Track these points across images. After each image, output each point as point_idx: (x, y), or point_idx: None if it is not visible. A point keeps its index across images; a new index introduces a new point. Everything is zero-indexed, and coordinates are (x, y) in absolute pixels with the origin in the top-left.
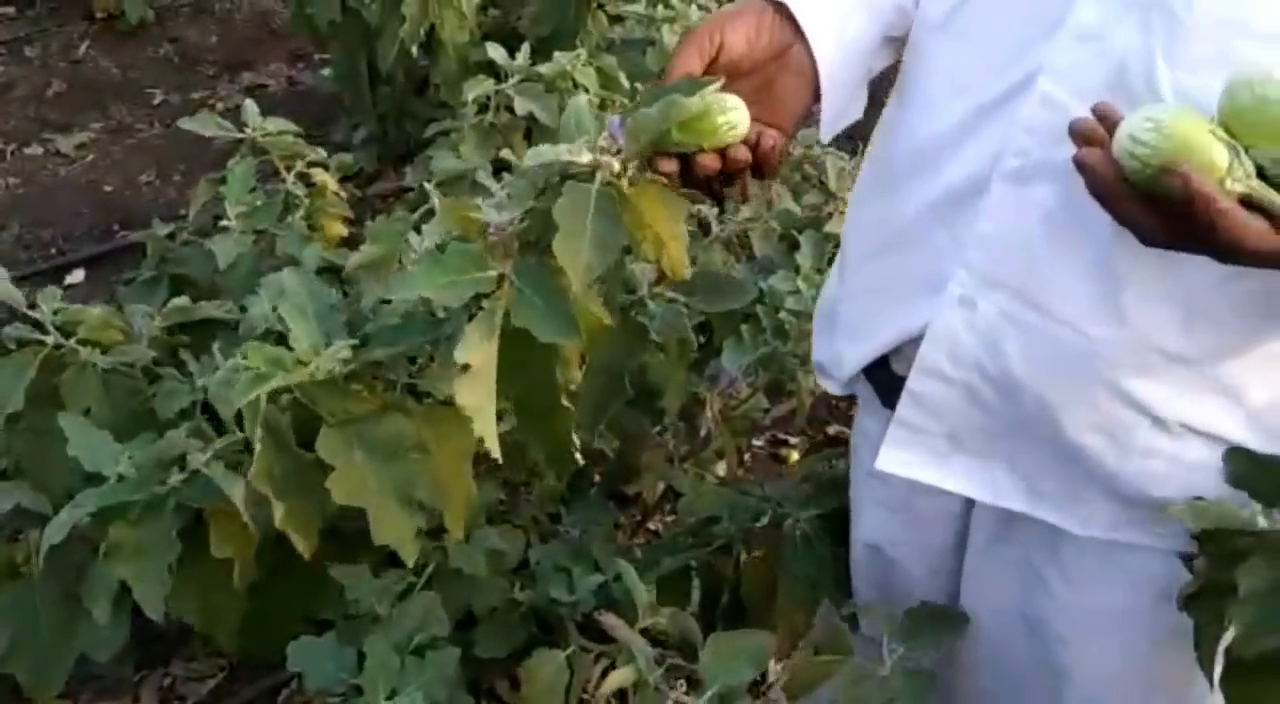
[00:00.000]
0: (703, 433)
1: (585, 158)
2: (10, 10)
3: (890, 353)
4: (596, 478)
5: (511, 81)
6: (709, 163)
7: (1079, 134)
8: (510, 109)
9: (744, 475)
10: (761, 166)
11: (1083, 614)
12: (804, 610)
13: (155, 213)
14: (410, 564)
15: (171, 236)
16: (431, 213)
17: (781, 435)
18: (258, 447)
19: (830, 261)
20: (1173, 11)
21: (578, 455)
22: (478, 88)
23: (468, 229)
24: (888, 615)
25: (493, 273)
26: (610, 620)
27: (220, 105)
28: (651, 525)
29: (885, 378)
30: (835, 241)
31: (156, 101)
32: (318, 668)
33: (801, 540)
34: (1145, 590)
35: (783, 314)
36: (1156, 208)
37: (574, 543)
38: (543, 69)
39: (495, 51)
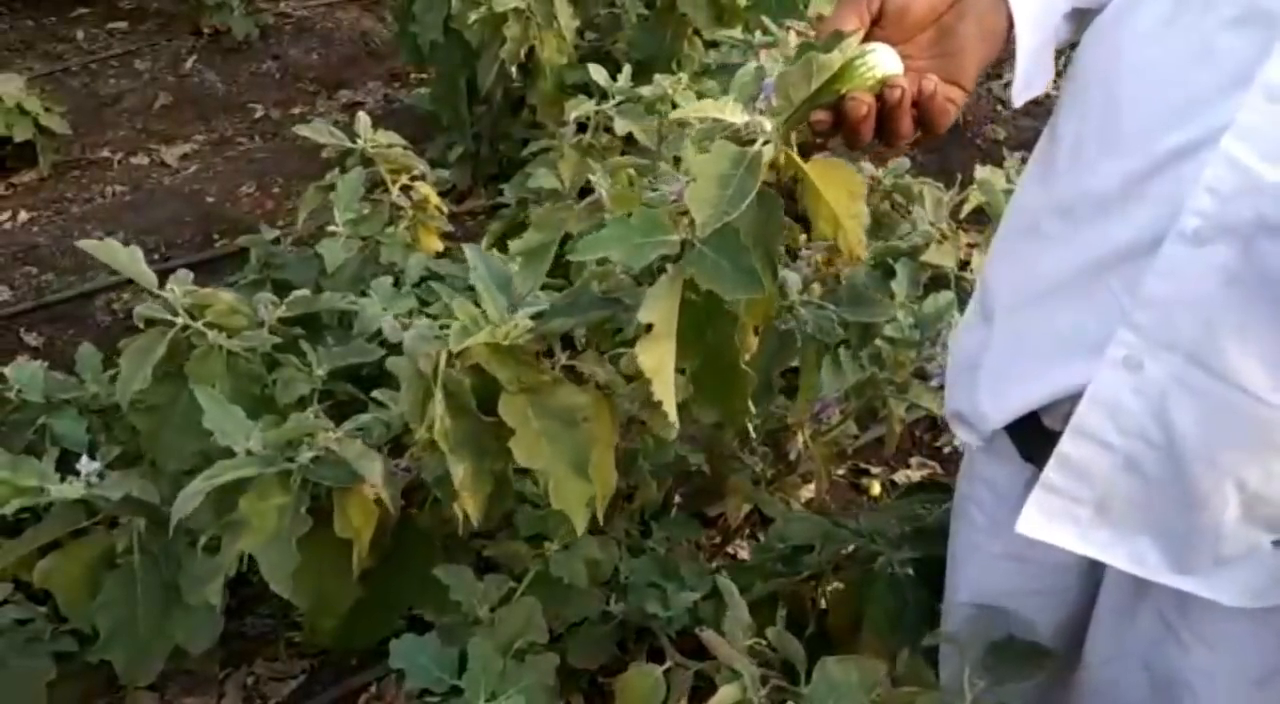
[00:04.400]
0: (792, 457)
1: (739, 118)
2: (123, 25)
3: (1039, 409)
4: (678, 498)
5: (612, 102)
6: (856, 104)
7: None
8: (609, 129)
9: (827, 503)
10: (923, 115)
11: (1220, 674)
12: (888, 649)
13: (253, 223)
14: (580, 532)
15: (275, 243)
16: (520, 226)
17: (863, 465)
18: (439, 408)
19: (926, 290)
20: None
21: (751, 427)
22: (579, 108)
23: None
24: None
25: (676, 237)
26: (712, 638)
27: (318, 121)
28: (730, 549)
29: (1030, 431)
30: (930, 270)
31: (258, 116)
32: (419, 666)
33: (891, 581)
34: None
35: (879, 342)
36: None
37: (662, 560)
38: (643, 91)
39: (597, 73)
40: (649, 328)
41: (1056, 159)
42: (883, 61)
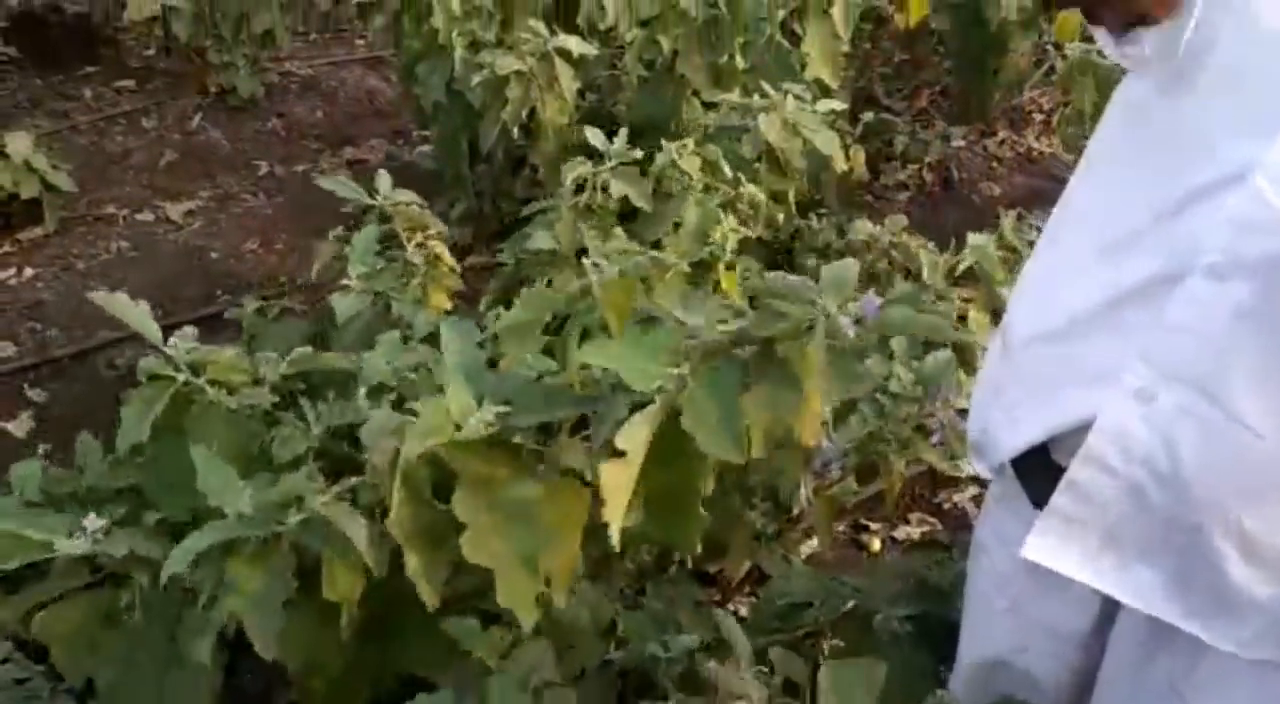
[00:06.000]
0: (795, 512)
1: None
2: (130, 83)
3: (1049, 441)
4: (677, 555)
5: (608, 165)
6: None
7: None
8: (606, 191)
9: (828, 560)
10: None
11: None
12: None
13: (257, 279)
14: (528, 628)
15: (260, 313)
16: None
17: (863, 521)
18: (396, 497)
19: (926, 348)
20: None
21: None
22: (576, 170)
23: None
24: None
25: (678, 371)
26: (719, 670)
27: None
28: (729, 607)
29: (1039, 468)
30: None
31: (262, 173)
32: None
33: (891, 639)
34: None
35: (882, 397)
36: None
37: (659, 614)
38: (657, 160)
39: (594, 136)
40: (621, 453)
41: (1088, 197)
42: None
